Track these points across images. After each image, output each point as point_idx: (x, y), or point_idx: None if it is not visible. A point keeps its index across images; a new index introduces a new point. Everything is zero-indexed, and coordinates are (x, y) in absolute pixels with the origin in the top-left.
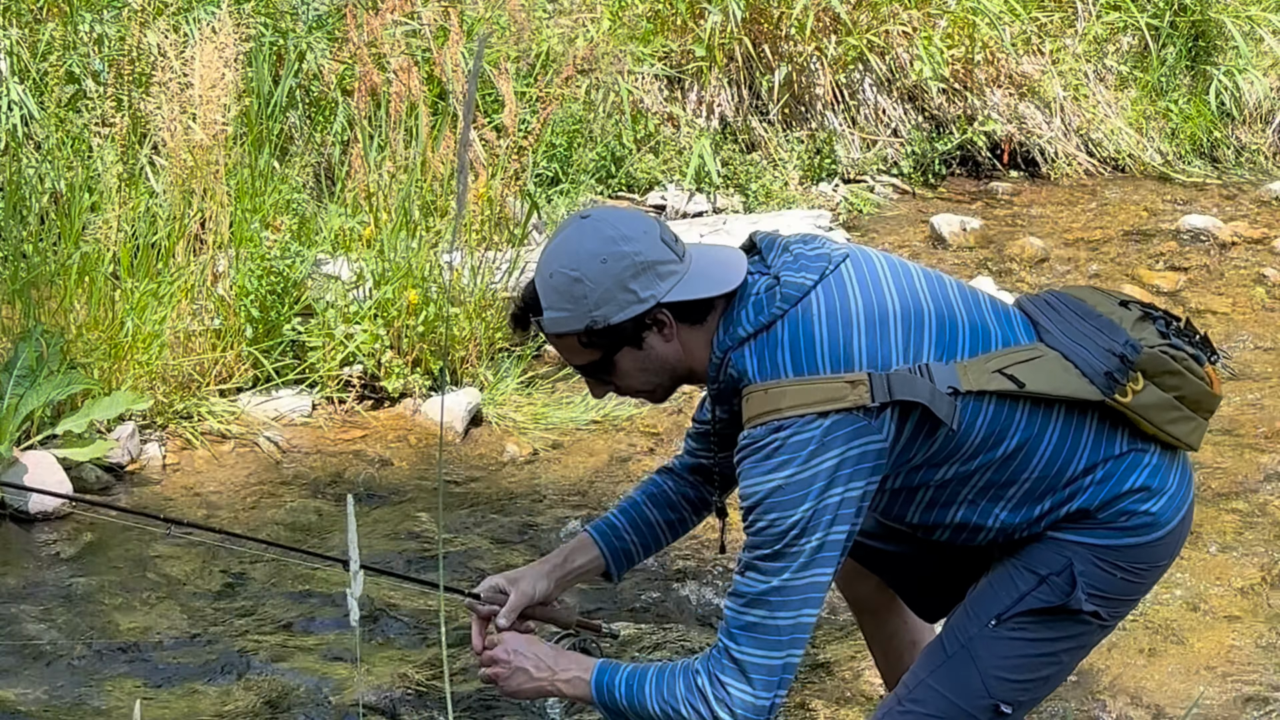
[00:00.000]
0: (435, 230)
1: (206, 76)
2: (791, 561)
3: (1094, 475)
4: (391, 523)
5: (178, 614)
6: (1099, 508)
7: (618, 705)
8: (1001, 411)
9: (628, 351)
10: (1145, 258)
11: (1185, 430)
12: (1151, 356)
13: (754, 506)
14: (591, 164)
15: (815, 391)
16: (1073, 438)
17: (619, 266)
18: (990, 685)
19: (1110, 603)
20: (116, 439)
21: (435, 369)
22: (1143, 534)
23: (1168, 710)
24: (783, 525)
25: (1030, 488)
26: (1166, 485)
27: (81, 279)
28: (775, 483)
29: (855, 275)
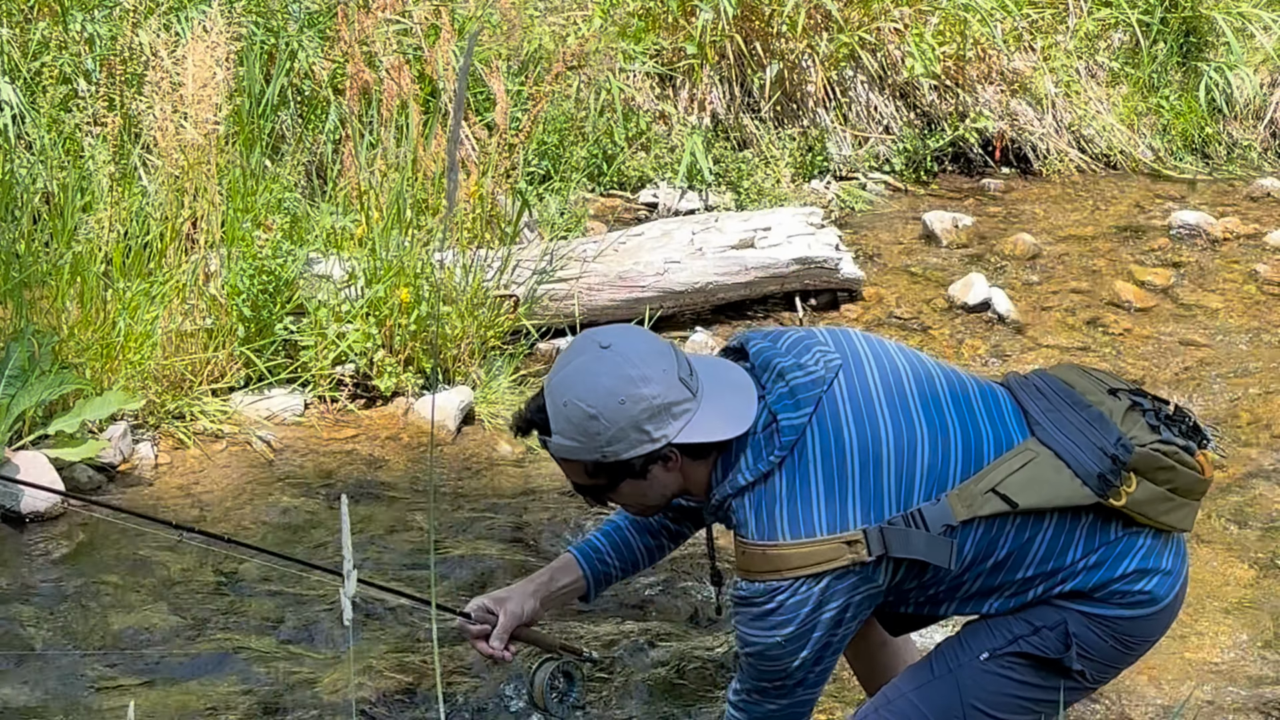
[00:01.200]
0: (427, 229)
1: (198, 76)
2: (796, 687)
3: (1087, 561)
4: (384, 522)
5: (170, 614)
6: (1093, 589)
7: None
8: (992, 528)
9: (630, 482)
10: (1137, 254)
11: (1178, 517)
12: (1144, 456)
13: (754, 654)
14: (583, 162)
15: (813, 555)
16: (1065, 536)
17: (636, 409)
18: (969, 714)
19: (1097, 666)
20: (108, 439)
21: (427, 368)
22: (1138, 609)
23: (1167, 707)
24: (786, 669)
25: (1022, 582)
26: (1161, 564)
27: (73, 279)
28: (776, 639)
29: (849, 402)
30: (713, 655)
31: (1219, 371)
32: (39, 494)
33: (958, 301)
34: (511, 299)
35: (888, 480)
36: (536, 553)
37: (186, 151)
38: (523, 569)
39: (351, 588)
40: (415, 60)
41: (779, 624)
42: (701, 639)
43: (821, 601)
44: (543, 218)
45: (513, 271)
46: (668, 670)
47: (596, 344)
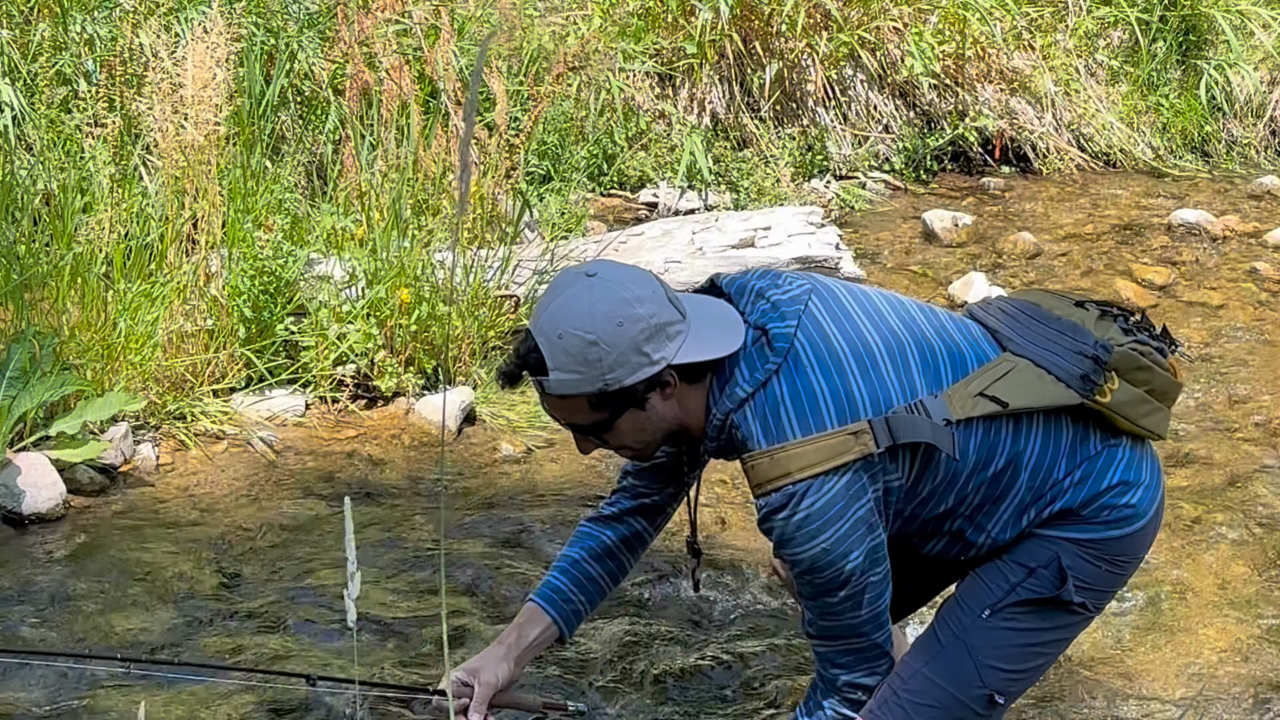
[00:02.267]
0: (427, 229)
1: (198, 77)
2: (863, 594)
3: (1073, 477)
4: (386, 524)
5: (173, 615)
6: (1081, 505)
7: None
8: (989, 432)
9: (631, 413)
10: (1137, 252)
11: (1155, 421)
12: (1123, 355)
13: (806, 571)
14: (583, 162)
15: (822, 450)
16: (1053, 444)
17: (635, 330)
18: (985, 675)
19: (1095, 594)
20: (109, 440)
21: (428, 368)
22: (1124, 526)
23: (1166, 705)
24: (842, 575)
25: (1020, 500)
26: (1141, 477)
27: (74, 280)
28: (820, 547)
29: (827, 313)
30: (716, 657)
31: (1219, 369)
32: (40, 495)
33: (958, 300)
34: (512, 299)
35: (888, 374)
36: (536, 554)
37: (187, 152)
38: (523, 571)
39: (355, 589)
40: (415, 61)
41: (817, 530)
42: (705, 640)
43: (850, 499)
44: (543, 218)
45: (513, 271)
46: (671, 672)
47: (581, 274)
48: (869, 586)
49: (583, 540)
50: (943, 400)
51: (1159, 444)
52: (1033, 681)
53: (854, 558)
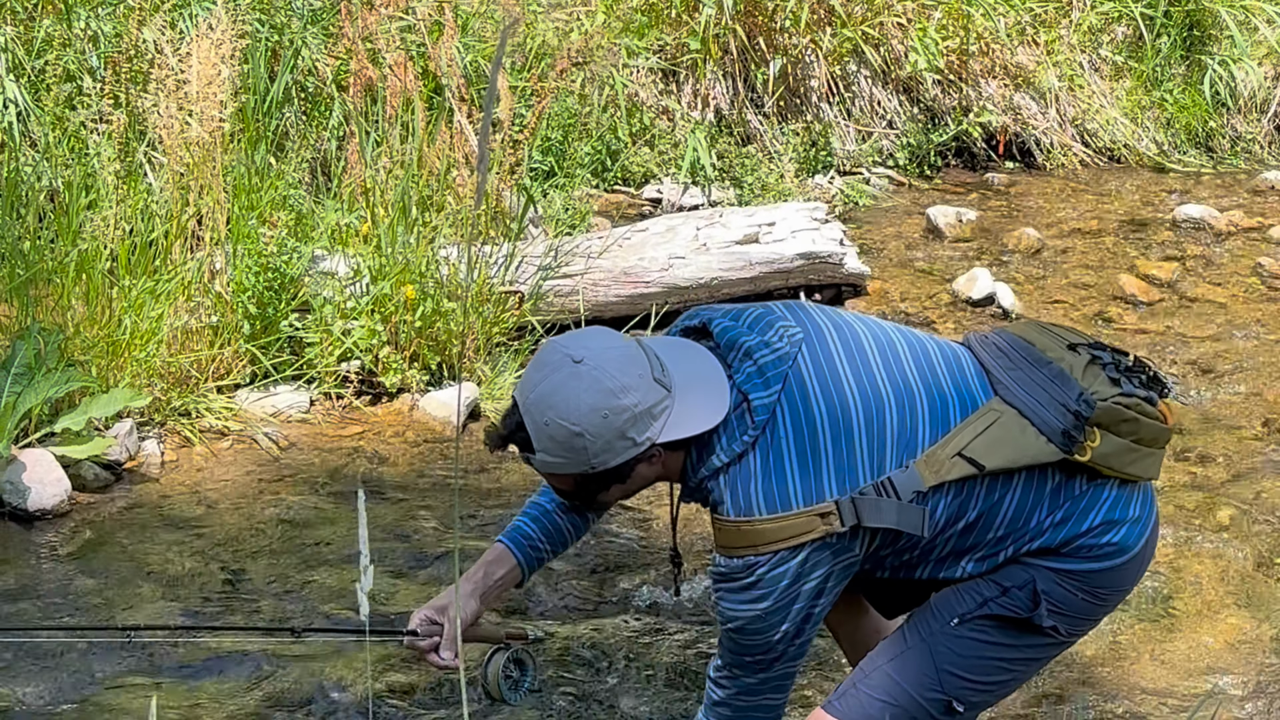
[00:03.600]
0: (432, 225)
1: (203, 73)
2: (776, 661)
3: (1054, 517)
4: (391, 519)
5: (178, 611)
6: (1060, 545)
7: None
8: (961, 491)
9: (616, 485)
10: (1141, 248)
11: (1143, 466)
12: (1106, 410)
13: (734, 629)
14: (587, 158)
15: (788, 528)
16: (1034, 494)
17: (620, 420)
18: (944, 680)
19: (1071, 620)
20: (114, 436)
21: (433, 364)
22: (1106, 560)
23: (1173, 701)
24: (767, 643)
25: (993, 543)
26: (1128, 514)
27: (79, 276)
28: (756, 612)
29: (815, 375)
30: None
31: (1224, 365)
32: (45, 492)
33: (962, 296)
34: (516, 295)
35: (860, 450)
36: None
37: (192, 149)
38: None
39: (368, 582)
40: (419, 57)
41: (759, 597)
42: (693, 634)
43: (800, 573)
44: (547, 214)
45: (518, 268)
46: (660, 667)
47: (569, 359)
48: (784, 657)
49: (550, 492)
50: (915, 471)
51: None
52: (997, 697)
53: (784, 628)
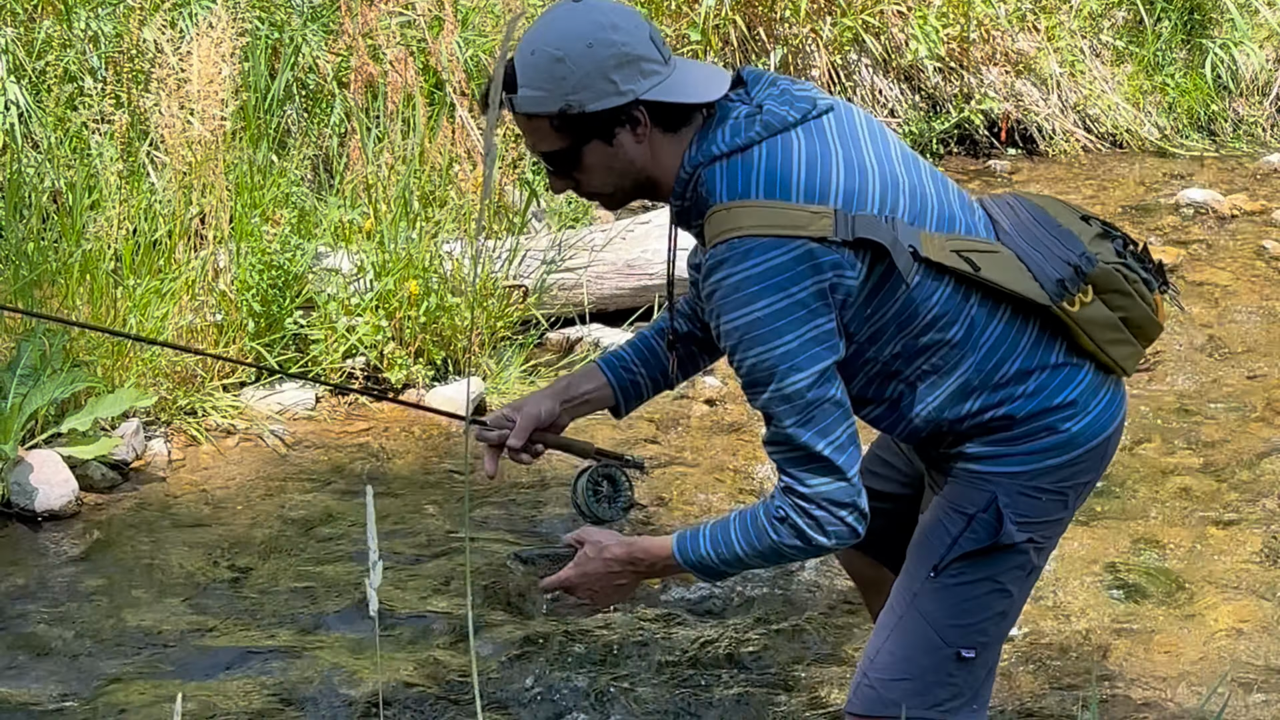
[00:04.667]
0: (435, 220)
1: (204, 72)
2: (802, 398)
3: (1026, 386)
4: (398, 515)
5: (187, 610)
6: (1025, 418)
7: (711, 568)
8: (956, 295)
9: (597, 145)
10: (1145, 233)
11: (1123, 354)
12: (1105, 272)
13: (736, 347)
14: None
15: (780, 215)
16: (1013, 337)
17: (604, 54)
18: (945, 635)
19: (1041, 526)
20: (121, 436)
21: (438, 359)
22: (1057, 454)
23: (1184, 687)
24: (772, 358)
25: (967, 379)
26: (1092, 404)
27: (83, 277)
28: (752, 316)
29: (837, 127)
30: (726, 646)
31: (1229, 349)
32: (52, 493)
33: None
34: (520, 289)
35: (872, 187)
36: (549, 544)
37: (194, 148)
38: None
39: (377, 578)
40: (420, 53)
41: (751, 297)
42: (713, 630)
43: (794, 275)
44: (550, 207)
45: (521, 262)
46: (680, 661)
47: (570, 1)
48: (805, 392)
49: (657, 324)
50: (918, 233)
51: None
52: (1008, 624)
53: (786, 340)
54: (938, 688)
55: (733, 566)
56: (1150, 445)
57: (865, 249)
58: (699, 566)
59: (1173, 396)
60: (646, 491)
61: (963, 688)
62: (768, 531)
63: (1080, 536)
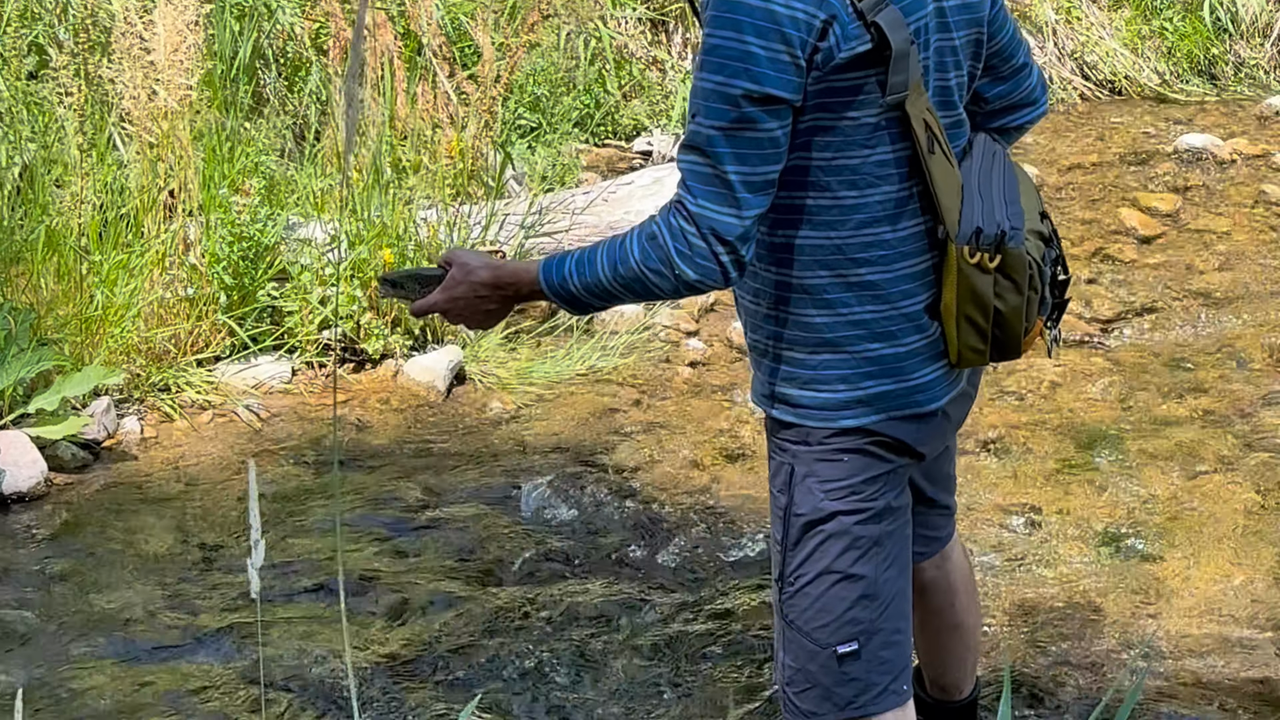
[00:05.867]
0: (408, 187)
1: (169, 40)
2: (736, 101)
3: (862, 308)
4: (372, 489)
5: (157, 591)
6: (834, 344)
7: (574, 296)
8: (881, 166)
9: None
10: (1144, 180)
11: (969, 342)
12: (1019, 257)
13: (711, 19)
14: (574, 112)
15: None
16: (891, 253)
17: None
18: (817, 639)
19: (857, 489)
20: (91, 415)
21: (415, 329)
22: (853, 413)
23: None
24: (731, 49)
25: (823, 246)
26: (911, 372)
27: (48, 253)
28: (722, 36)
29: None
30: (706, 614)
31: (1229, 296)
32: (20, 474)
33: None
34: (499, 253)
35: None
36: (526, 515)
37: (160, 120)
38: (512, 532)
39: (259, 558)
40: (399, 17)
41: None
42: (693, 598)
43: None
44: (531, 170)
45: (500, 227)
46: (660, 631)
47: None
48: (746, 101)
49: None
50: (916, 78)
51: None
52: (879, 607)
53: (752, 43)
54: (839, 688)
55: (596, 296)
56: (1144, 395)
57: (869, 38)
58: (562, 293)
59: (1167, 346)
60: (628, 457)
61: (867, 679)
62: (632, 253)
63: (1072, 490)
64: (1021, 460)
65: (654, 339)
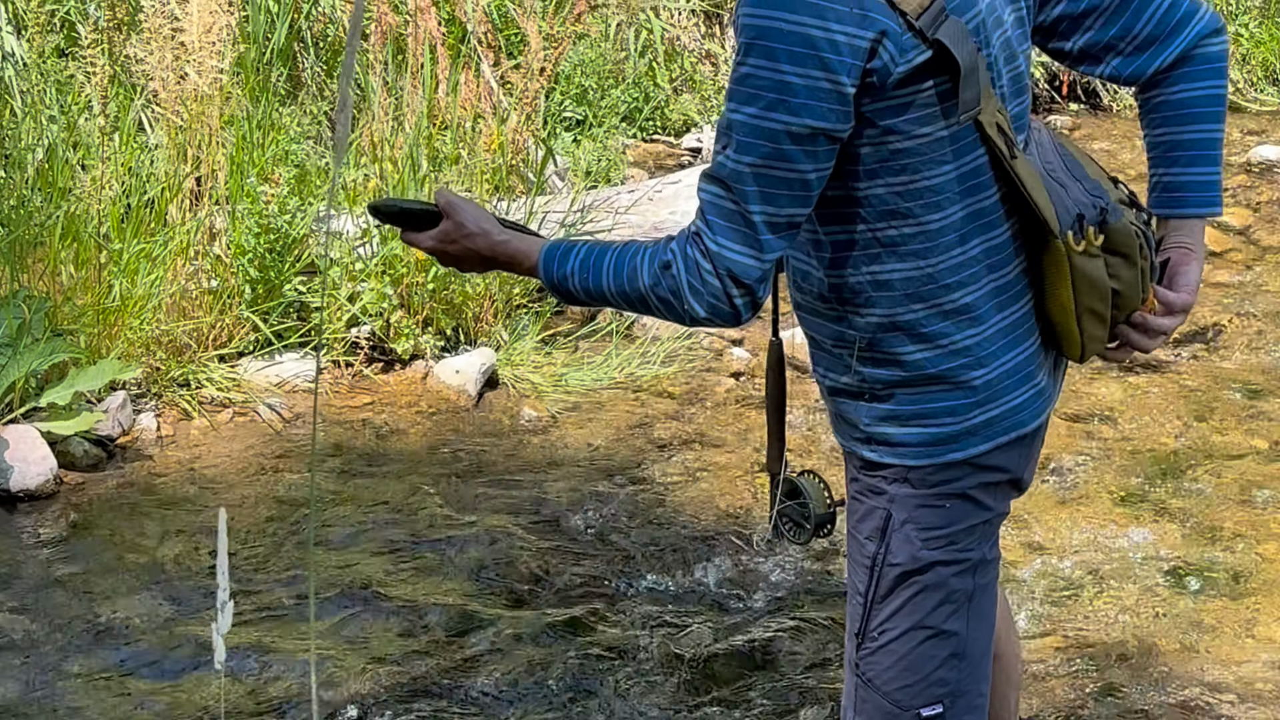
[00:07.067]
0: (446, 181)
1: (201, 21)
2: (770, 135)
3: (960, 334)
4: (396, 498)
5: (163, 601)
6: (934, 378)
7: (571, 294)
8: (977, 172)
9: None
10: None
11: (1093, 333)
12: (1125, 230)
13: (746, 45)
14: (623, 105)
15: None
16: (984, 263)
17: None
18: (899, 700)
19: (956, 538)
20: (105, 411)
21: (448, 329)
22: (961, 445)
23: (1247, 697)
24: (767, 80)
25: (912, 279)
26: (1019, 391)
27: (67, 239)
28: (776, 23)
29: None
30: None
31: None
32: (29, 471)
33: None
34: None
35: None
36: (558, 529)
37: (189, 104)
38: (538, 548)
39: (226, 622)
40: (444, 2)
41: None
42: (727, 624)
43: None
44: (574, 165)
45: (540, 225)
46: (693, 660)
47: None
48: (784, 135)
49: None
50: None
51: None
52: (968, 666)
53: (789, 73)
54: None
55: (594, 299)
56: (1210, 425)
57: (925, 46)
58: (561, 289)
59: (1236, 371)
60: (666, 472)
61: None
62: (642, 274)
63: (1129, 526)
64: (1080, 489)
65: (697, 346)
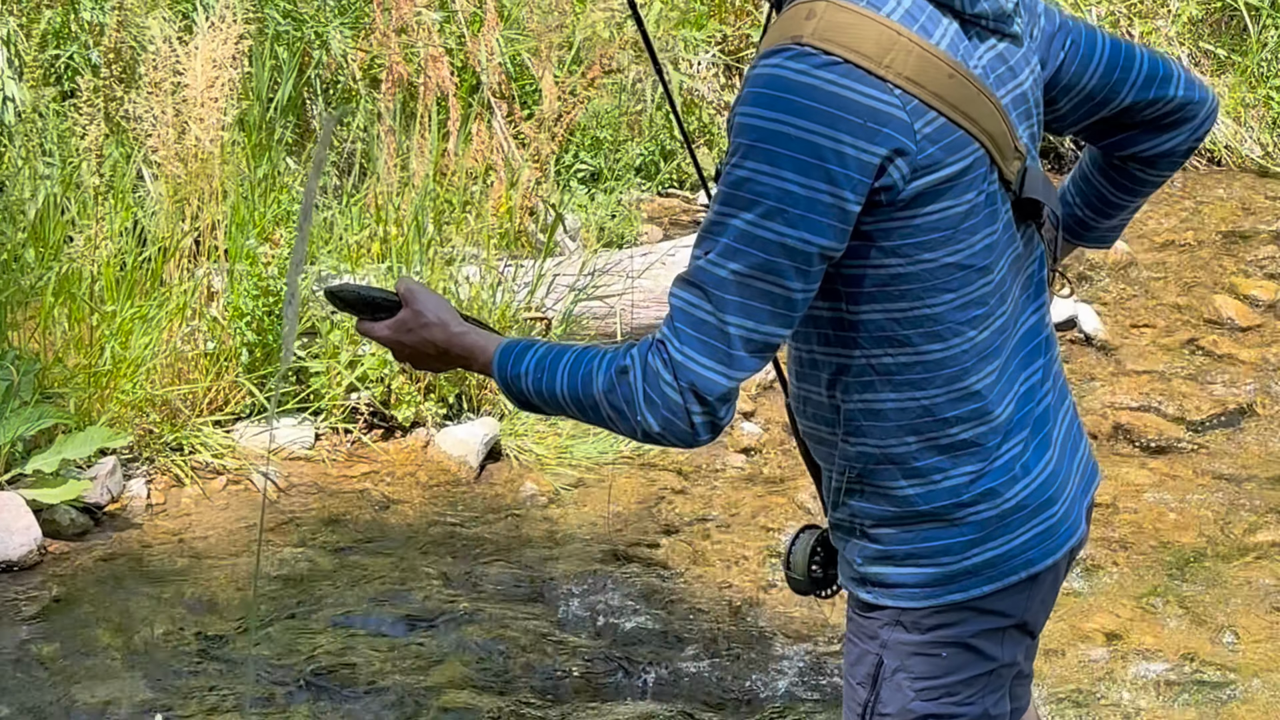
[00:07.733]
0: (450, 243)
1: (205, 74)
2: (760, 246)
3: (959, 473)
4: (390, 576)
5: (144, 685)
6: (926, 516)
7: (523, 396)
8: (980, 301)
9: None
10: (1242, 263)
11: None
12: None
13: (740, 148)
14: (637, 159)
15: (859, 27)
16: (997, 389)
17: None
18: None
19: (956, 688)
20: (94, 477)
21: (450, 397)
22: (962, 585)
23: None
24: (765, 186)
25: (920, 410)
26: (1042, 461)
27: (59, 300)
28: (756, 121)
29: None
30: None
31: None
32: (12, 541)
33: None
34: (544, 321)
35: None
36: (556, 614)
37: (188, 161)
38: (537, 631)
39: None
40: (458, 50)
41: (768, 101)
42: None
43: (831, 109)
44: (587, 220)
45: (548, 290)
46: None
47: None
48: (775, 249)
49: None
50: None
51: None
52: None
53: (790, 179)
54: None
55: (547, 404)
56: (1237, 513)
57: (949, 163)
58: (513, 389)
59: (1265, 455)
60: (670, 555)
61: None
62: (597, 379)
63: (1147, 625)
64: (1103, 581)
65: None
